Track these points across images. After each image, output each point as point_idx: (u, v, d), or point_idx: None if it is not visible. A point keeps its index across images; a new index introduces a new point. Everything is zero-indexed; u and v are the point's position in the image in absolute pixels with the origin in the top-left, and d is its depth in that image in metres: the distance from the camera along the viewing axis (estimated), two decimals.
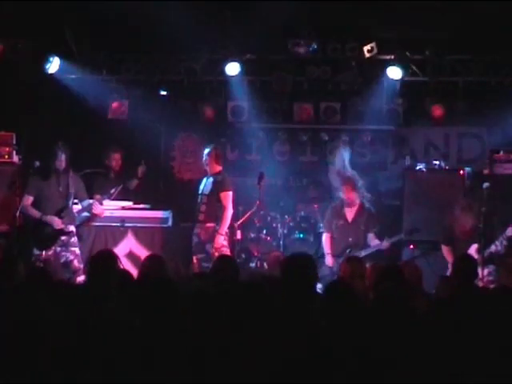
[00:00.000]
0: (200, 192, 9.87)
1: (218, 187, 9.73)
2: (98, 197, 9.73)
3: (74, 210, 9.51)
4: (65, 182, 9.32)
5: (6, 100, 10.70)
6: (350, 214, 9.85)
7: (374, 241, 9.69)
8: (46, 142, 10.64)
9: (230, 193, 9.75)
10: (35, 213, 9.28)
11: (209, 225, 9.69)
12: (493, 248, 8.73)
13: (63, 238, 9.25)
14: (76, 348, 4.35)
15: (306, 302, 5.30)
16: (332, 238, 9.84)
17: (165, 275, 6.64)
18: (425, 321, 4.82)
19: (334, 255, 9.67)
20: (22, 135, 10.41)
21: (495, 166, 10.17)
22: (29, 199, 9.33)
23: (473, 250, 8.82)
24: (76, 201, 9.55)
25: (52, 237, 9.22)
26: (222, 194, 9.71)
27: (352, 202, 9.83)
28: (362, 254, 9.43)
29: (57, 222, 9.22)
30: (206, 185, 9.87)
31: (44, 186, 9.31)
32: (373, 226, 9.79)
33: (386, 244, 9.58)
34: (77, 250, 9.30)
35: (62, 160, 9.27)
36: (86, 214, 9.57)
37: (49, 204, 9.31)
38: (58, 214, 9.27)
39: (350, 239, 9.70)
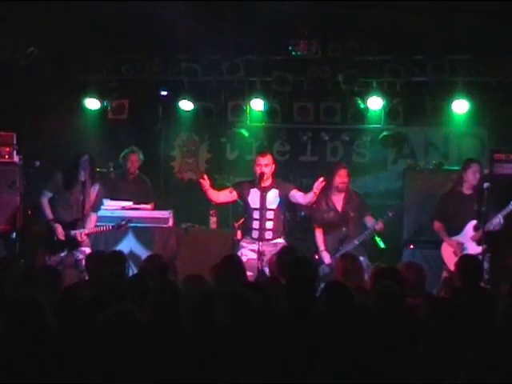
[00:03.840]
0: (258, 207, 9.03)
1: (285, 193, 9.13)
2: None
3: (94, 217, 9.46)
4: (87, 193, 9.23)
5: (6, 100, 10.69)
6: (338, 202, 9.34)
7: (371, 222, 9.20)
8: (46, 142, 10.70)
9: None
10: (48, 213, 9.21)
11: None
12: (495, 221, 8.78)
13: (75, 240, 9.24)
14: (79, 348, 4.36)
15: (308, 305, 5.31)
16: (324, 233, 9.35)
17: (165, 276, 6.68)
18: (425, 321, 4.83)
19: (329, 251, 9.20)
20: (22, 135, 10.42)
21: (495, 165, 10.17)
22: (47, 195, 9.24)
23: (470, 226, 8.90)
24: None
25: (64, 242, 9.20)
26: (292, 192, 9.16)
27: (344, 188, 9.32)
28: (356, 242, 9.09)
29: (60, 232, 9.14)
30: (265, 198, 9.05)
31: (66, 192, 9.23)
32: (367, 209, 9.38)
33: (380, 225, 9.07)
34: (87, 250, 9.26)
35: (86, 173, 9.17)
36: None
37: (67, 211, 9.24)
38: (73, 224, 9.22)
39: (344, 229, 9.21)
